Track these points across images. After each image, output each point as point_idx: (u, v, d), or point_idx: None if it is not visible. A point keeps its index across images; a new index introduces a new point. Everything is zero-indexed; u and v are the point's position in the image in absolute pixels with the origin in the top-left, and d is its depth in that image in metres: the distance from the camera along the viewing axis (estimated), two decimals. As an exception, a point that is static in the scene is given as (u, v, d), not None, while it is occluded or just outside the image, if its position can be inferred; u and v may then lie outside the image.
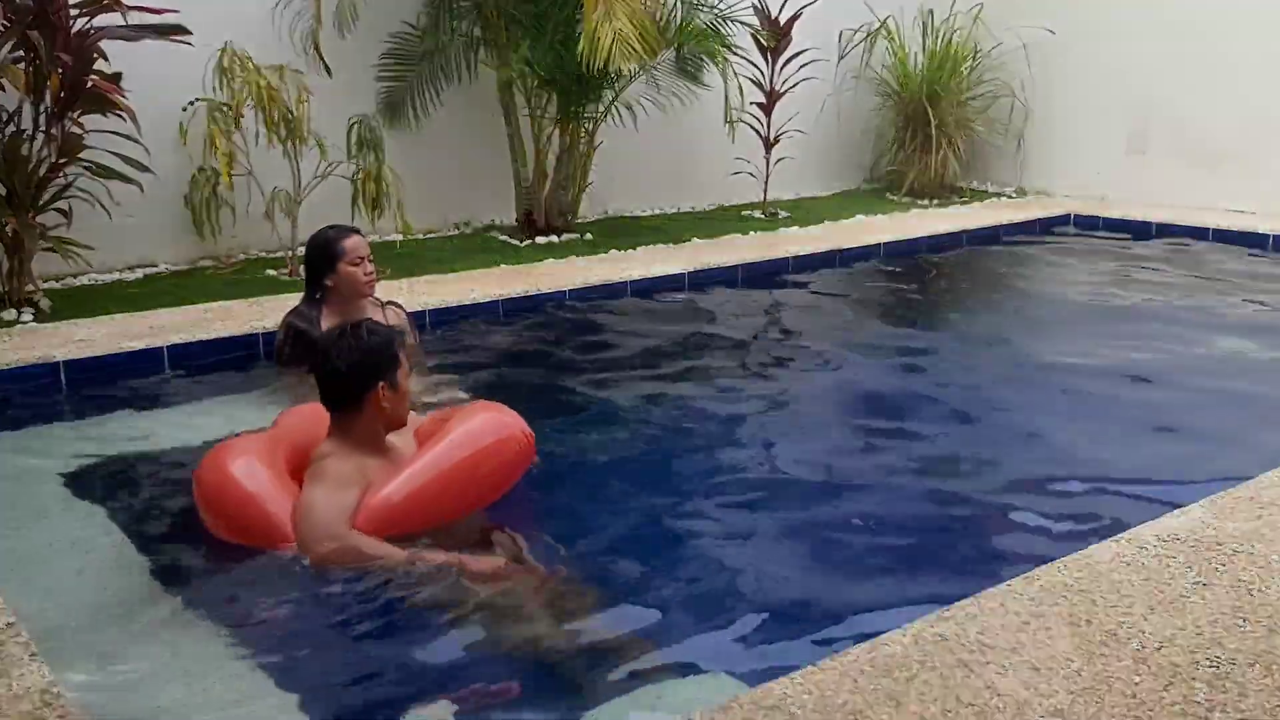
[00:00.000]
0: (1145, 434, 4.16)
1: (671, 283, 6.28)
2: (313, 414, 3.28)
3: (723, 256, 6.71)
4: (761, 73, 8.29)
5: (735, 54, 7.54)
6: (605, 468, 3.88)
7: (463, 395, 4.32)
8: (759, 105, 8.28)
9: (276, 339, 4.49)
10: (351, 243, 4.38)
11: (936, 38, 9.30)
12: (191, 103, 6.07)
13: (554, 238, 7.29)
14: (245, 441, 3.29)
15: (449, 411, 3.49)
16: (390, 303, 4.66)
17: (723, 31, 7.50)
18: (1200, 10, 8.34)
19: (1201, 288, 6.54)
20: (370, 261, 4.42)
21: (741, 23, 7.79)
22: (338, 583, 2.89)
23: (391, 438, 3.21)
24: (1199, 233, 7.72)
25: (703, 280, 6.38)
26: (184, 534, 3.22)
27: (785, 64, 8.31)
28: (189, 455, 3.62)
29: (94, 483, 3.62)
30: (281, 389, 4.32)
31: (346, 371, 3.07)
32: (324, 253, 4.39)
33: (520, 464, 3.33)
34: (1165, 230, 7.87)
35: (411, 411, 3.36)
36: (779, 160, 8.61)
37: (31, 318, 5.22)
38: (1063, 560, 2.81)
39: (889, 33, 9.32)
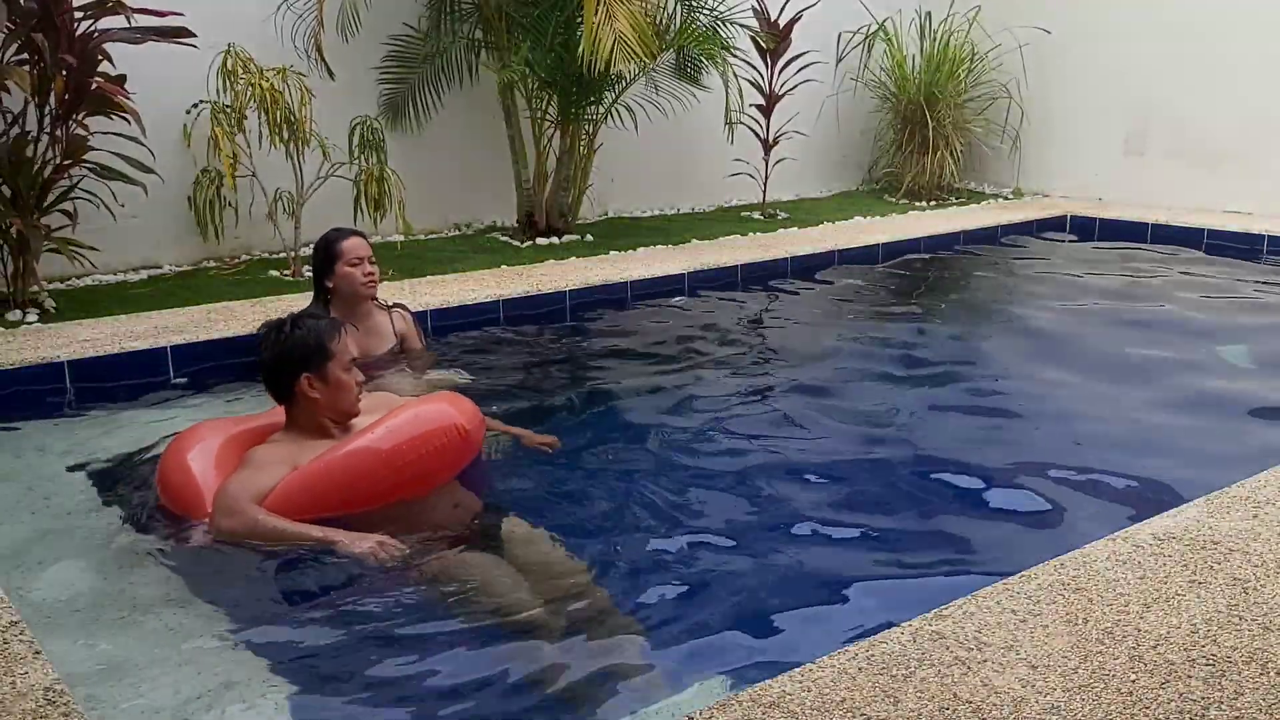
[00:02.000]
0: (1141, 433, 4.18)
1: (671, 283, 6.30)
2: None
3: (722, 257, 6.74)
4: (761, 75, 8.31)
5: (735, 56, 7.56)
6: (604, 466, 3.89)
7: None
8: (758, 107, 8.30)
9: None
10: (350, 244, 4.40)
11: (934, 40, 9.33)
12: (196, 105, 6.10)
13: (554, 239, 7.32)
14: (211, 425, 3.47)
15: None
16: (396, 305, 4.69)
17: (722, 34, 7.52)
18: (1198, 11, 8.37)
19: (1197, 288, 6.56)
20: (370, 263, 4.43)
21: (741, 25, 7.81)
22: (342, 577, 2.94)
23: (356, 423, 3.31)
24: (1196, 234, 7.74)
25: (702, 281, 6.40)
26: (186, 531, 3.24)
27: (784, 66, 8.33)
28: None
29: (97, 482, 3.64)
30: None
31: (269, 363, 3.27)
32: (324, 254, 4.43)
33: (452, 457, 3.28)
34: (1162, 231, 7.90)
35: (398, 397, 3.50)
36: (778, 161, 8.64)
37: (36, 318, 5.24)
38: (1059, 559, 2.83)
39: (887, 35, 9.35)
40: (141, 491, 3.54)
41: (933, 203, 9.13)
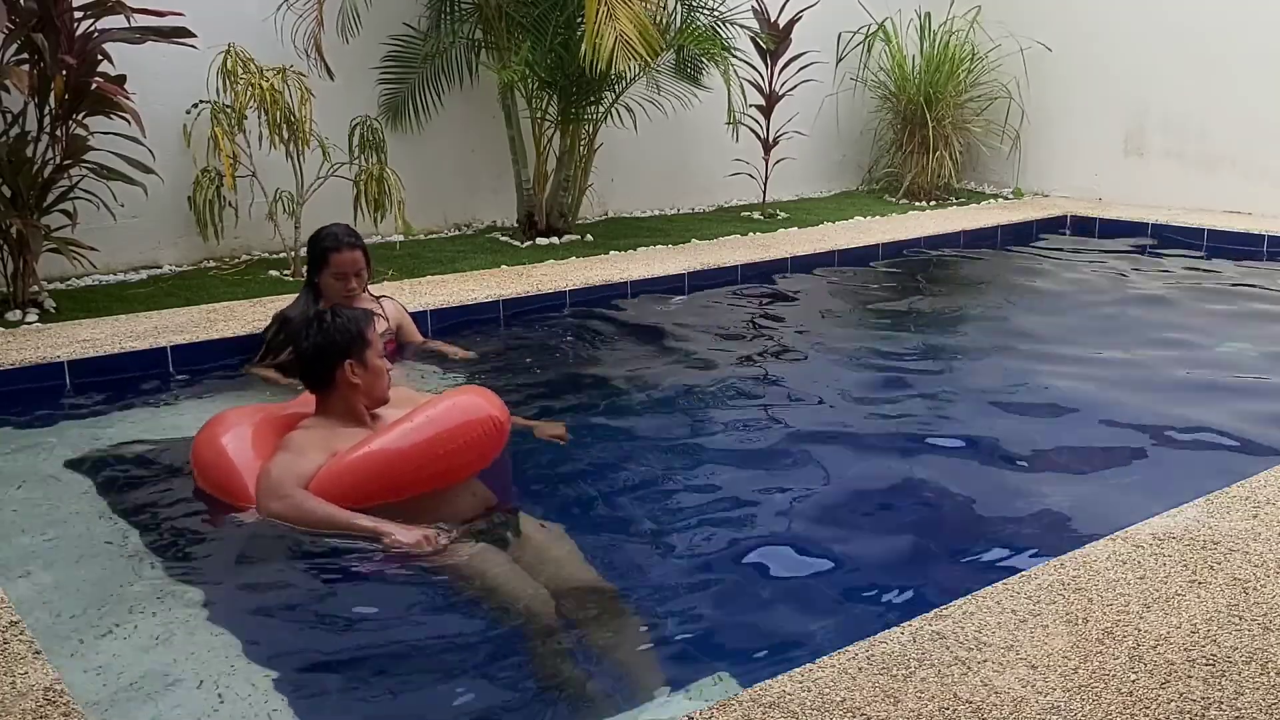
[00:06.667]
0: (1141, 433, 4.18)
1: (671, 283, 6.31)
2: None
3: (722, 257, 6.74)
4: (761, 75, 8.31)
5: (735, 56, 7.56)
6: (604, 466, 3.90)
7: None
8: (758, 107, 8.30)
9: (266, 328, 4.65)
10: (339, 258, 4.42)
11: (934, 40, 9.33)
12: (196, 105, 6.10)
13: (554, 239, 7.32)
14: (243, 411, 3.57)
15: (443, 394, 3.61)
16: (383, 297, 4.74)
17: (722, 34, 7.52)
18: (1198, 12, 8.37)
19: (1197, 288, 6.56)
20: (356, 278, 4.43)
21: (741, 25, 7.81)
22: (349, 572, 2.96)
23: (382, 411, 3.42)
24: (1196, 234, 7.74)
25: (702, 281, 6.40)
26: (186, 529, 3.27)
27: (784, 66, 8.33)
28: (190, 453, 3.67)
29: (97, 481, 3.64)
30: (258, 380, 4.50)
31: (313, 352, 3.36)
32: (316, 253, 4.48)
33: (486, 447, 3.37)
34: (1162, 231, 7.89)
35: (418, 391, 3.58)
36: (778, 161, 8.63)
37: (36, 318, 5.24)
38: (1059, 559, 2.84)
39: (887, 35, 9.35)
40: (141, 491, 3.56)
41: (932, 203, 9.13)
